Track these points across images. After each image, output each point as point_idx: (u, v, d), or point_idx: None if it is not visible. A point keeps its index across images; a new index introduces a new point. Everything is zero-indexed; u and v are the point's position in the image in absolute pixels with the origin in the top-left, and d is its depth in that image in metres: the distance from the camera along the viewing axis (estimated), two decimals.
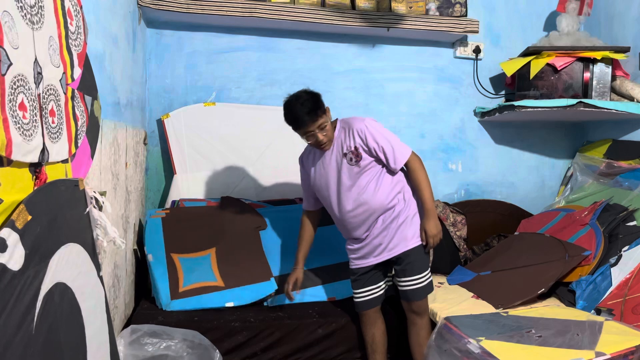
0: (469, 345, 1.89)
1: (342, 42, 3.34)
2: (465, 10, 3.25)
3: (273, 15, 2.99)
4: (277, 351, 2.47)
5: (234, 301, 2.59)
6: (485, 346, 1.85)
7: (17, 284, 1.06)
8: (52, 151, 1.32)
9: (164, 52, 3.16)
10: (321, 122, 2.18)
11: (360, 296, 2.37)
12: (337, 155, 2.27)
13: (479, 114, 3.45)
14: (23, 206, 1.12)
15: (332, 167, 2.29)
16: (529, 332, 1.96)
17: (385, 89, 3.39)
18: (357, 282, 2.37)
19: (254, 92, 3.26)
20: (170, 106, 3.16)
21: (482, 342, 1.87)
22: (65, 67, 1.46)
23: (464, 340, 1.92)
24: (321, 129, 2.20)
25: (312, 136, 2.20)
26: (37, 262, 1.16)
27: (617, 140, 3.14)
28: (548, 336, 1.92)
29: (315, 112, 2.16)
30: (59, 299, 1.25)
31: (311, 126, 2.17)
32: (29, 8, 1.21)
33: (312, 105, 2.16)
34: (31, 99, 1.20)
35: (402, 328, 2.48)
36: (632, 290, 2.16)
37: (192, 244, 2.69)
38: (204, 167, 3.09)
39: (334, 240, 2.99)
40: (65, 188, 1.39)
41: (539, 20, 3.54)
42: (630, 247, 2.39)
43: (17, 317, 1.05)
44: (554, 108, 2.92)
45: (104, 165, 2.03)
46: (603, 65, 2.98)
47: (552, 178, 3.57)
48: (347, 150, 2.24)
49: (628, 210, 2.60)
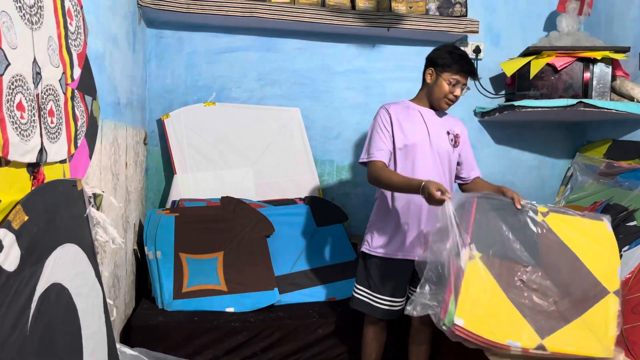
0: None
1: (342, 42, 3.34)
2: (465, 10, 3.24)
3: (273, 15, 2.99)
4: (277, 351, 2.48)
5: (234, 307, 2.58)
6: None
7: (12, 285, 1.06)
8: (51, 151, 1.33)
9: (164, 52, 3.16)
10: (467, 84, 2.24)
11: (389, 304, 2.24)
12: (441, 127, 2.29)
13: (479, 114, 3.45)
14: (20, 206, 1.12)
15: (438, 131, 2.27)
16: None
17: (385, 89, 3.39)
18: (387, 289, 2.22)
19: (254, 92, 3.27)
20: (170, 106, 3.16)
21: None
22: (65, 67, 1.46)
23: None
24: (462, 89, 2.23)
25: (457, 87, 2.21)
26: (33, 262, 1.16)
27: (617, 140, 3.14)
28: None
29: (477, 72, 2.27)
30: (54, 299, 1.25)
31: (467, 79, 2.22)
32: (28, 8, 1.21)
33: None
34: (29, 99, 1.20)
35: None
36: (632, 290, 2.16)
37: (201, 245, 2.69)
38: (204, 167, 3.09)
39: (334, 241, 2.99)
40: (63, 188, 1.39)
41: (539, 20, 3.54)
42: (630, 247, 2.39)
43: (12, 318, 1.05)
44: (554, 108, 2.91)
45: (104, 165, 2.03)
46: (603, 65, 2.98)
47: (552, 178, 3.57)
48: (452, 132, 2.29)
49: (628, 210, 2.60)
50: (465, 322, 1.77)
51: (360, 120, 3.34)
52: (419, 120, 2.26)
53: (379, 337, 2.35)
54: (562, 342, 1.82)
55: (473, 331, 1.77)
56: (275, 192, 3.17)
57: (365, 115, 3.32)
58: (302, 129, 3.24)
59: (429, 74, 2.25)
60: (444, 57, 2.20)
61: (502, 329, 1.80)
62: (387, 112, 2.26)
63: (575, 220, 1.98)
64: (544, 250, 1.93)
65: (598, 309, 1.86)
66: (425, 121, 2.26)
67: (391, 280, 2.22)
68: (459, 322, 1.76)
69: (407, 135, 2.22)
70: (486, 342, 1.79)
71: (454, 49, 2.23)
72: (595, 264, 1.92)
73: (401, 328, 2.45)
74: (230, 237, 2.73)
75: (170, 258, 2.63)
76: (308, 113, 3.30)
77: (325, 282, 2.83)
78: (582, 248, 1.94)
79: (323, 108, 3.35)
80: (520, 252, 1.90)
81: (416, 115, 2.27)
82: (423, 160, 2.21)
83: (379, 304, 2.24)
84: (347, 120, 3.36)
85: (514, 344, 1.78)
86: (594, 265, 1.92)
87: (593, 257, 1.93)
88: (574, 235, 1.95)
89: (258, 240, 2.77)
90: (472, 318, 1.78)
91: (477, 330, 1.78)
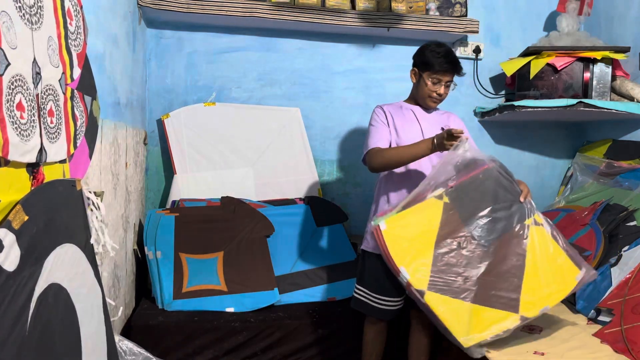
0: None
1: (342, 42, 3.34)
2: (465, 10, 3.24)
3: (273, 15, 2.99)
4: (277, 351, 2.48)
5: (234, 307, 2.59)
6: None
7: (11, 285, 1.06)
8: (50, 151, 1.33)
9: (164, 52, 3.16)
10: (451, 82, 2.22)
11: (386, 304, 2.24)
12: (435, 123, 2.28)
13: (479, 114, 3.45)
14: (20, 206, 1.12)
15: (431, 128, 2.26)
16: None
17: (385, 89, 3.39)
18: (384, 289, 2.21)
19: (254, 92, 3.27)
20: (170, 106, 3.16)
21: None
22: (65, 67, 1.46)
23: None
24: (447, 87, 2.22)
25: (439, 85, 2.20)
26: (33, 262, 1.16)
27: (617, 140, 3.14)
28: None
29: (460, 68, 2.21)
30: (53, 299, 1.25)
31: (450, 76, 2.20)
32: (27, 8, 1.21)
33: (458, 60, 2.21)
34: (29, 99, 1.20)
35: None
36: (632, 290, 2.16)
37: (201, 245, 2.69)
38: (204, 167, 3.09)
39: (334, 241, 2.99)
40: (63, 188, 1.39)
41: (539, 20, 3.54)
42: (630, 247, 2.39)
43: (11, 318, 1.05)
44: (554, 108, 2.91)
45: (104, 165, 2.03)
46: (603, 65, 2.98)
47: (552, 178, 3.57)
48: (445, 127, 2.24)
49: (628, 210, 2.60)
50: (386, 229, 1.94)
51: (360, 120, 3.34)
52: (412, 119, 2.29)
53: (379, 337, 2.34)
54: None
55: (385, 240, 1.93)
56: (275, 192, 3.17)
57: (365, 115, 3.31)
58: (302, 129, 3.24)
59: (413, 74, 2.28)
60: (424, 56, 2.20)
61: (403, 258, 1.92)
62: (382, 110, 2.31)
63: (555, 249, 1.98)
64: (503, 242, 1.96)
65: (495, 313, 1.90)
66: (419, 119, 2.29)
67: (387, 279, 2.20)
68: (382, 225, 1.94)
69: (401, 134, 2.25)
70: (387, 256, 1.93)
71: (435, 47, 2.21)
72: (531, 287, 1.93)
73: (401, 328, 2.45)
74: (230, 237, 2.73)
75: (170, 258, 2.64)
76: (308, 113, 3.30)
77: (325, 282, 2.83)
78: (535, 268, 1.95)
79: (323, 108, 3.35)
80: (481, 228, 1.95)
81: (409, 114, 2.30)
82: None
83: (376, 303, 2.24)
84: (347, 120, 3.36)
85: (404, 273, 1.90)
86: (529, 287, 1.93)
87: (536, 282, 1.94)
88: (539, 255, 1.96)
89: (258, 240, 2.77)
90: (394, 233, 1.94)
91: (388, 243, 1.93)
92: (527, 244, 1.96)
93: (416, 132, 2.26)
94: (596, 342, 2.01)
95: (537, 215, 2.01)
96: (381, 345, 2.36)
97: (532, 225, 1.98)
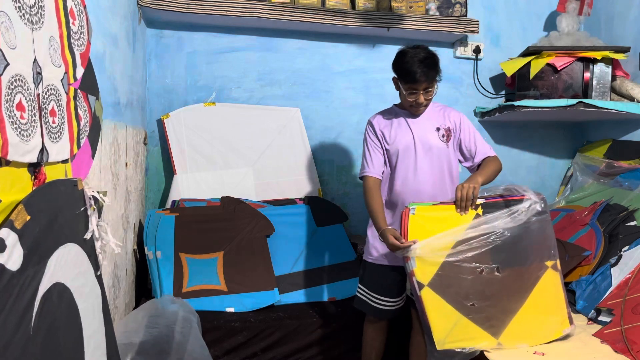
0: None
1: (342, 42, 3.34)
2: (465, 10, 3.25)
3: (273, 15, 2.99)
4: (277, 351, 2.47)
5: (234, 307, 2.59)
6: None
7: (15, 284, 1.06)
8: (52, 151, 1.32)
9: (164, 52, 3.16)
10: (431, 87, 2.13)
11: (384, 304, 2.25)
12: (429, 125, 2.23)
13: (479, 114, 3.45)
14: (22, 206, 1.12)
15: (424, 132, 2.22)
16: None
17: (385, 89, 3.38)
18: (383, 288, 2.23)
19: (254, 92, 3.27)
20: (170, 106, 3.16)
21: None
22: (67, 67, 1.46)
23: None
24: (426, 92, 2.13)
25: (417, 94, 2.12)
26: (36, 262, 1.16)
27: (617, 140, 3.14)
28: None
29: (434, 71, 2.09)
30: (57, 299, 1.25)
31: (426, 84, 2.10)
32: (28, 8, 1.21)
33: (433, 63, 2.09)
34: (30, 99, 1.20)
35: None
36: (632, 290, 2.16)
37: (201, 246, 2.69)
38: (204, 167, 3.09)
39: (334, 241, 2.99)
40: (65, 188, 1.39)
41: (539, 20, 3.54)
42: (630, 247, 2.39)
43: (16, 317, 1.05)
44: (554, 108, 2.92)
45: (104, 165, 2.03)
46: (603, 65, 2.98)
47: (552, 178, 3.57)
48: (442, 127, 2.23)
49: (628, 210, 2.60)
50: (414, 215, 1.94)
51: (360, 120, 3.34)
52: (403, 125, 2.24)
53: (379, 337, 2.35)
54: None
55: (409, 224, 1.93)
56: (275, 192, 3.17)
57: (365, 115, 3.29)
58: (302, 129, 3.24)
59: (394, 82, 2.23)
60: (398, 65, 2.15)
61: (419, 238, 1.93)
62: (372, 126, 2.29)
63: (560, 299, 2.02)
64: (517, 273, 1.98)
65: (477, 332, 1.93)
66: (409, 124, 2.24)
67: (383, 282, 2.24)
68: (412, 211, 1.94)
69: (392, 143, 2.23)
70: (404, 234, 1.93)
71: (410, 55, 2.10)
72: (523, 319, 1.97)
73: (401, 328, 2.45)
74: (230, 237, 2.73)
75: (170, 258, 2.63)
76: (308, 113, 3.30)
77: (325, 282, 2.83)
78: (536, 305, 1.99)
79: (323, 108, 3.35)
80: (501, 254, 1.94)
81: (399, 120, 2.26)
82: (415, 162, 2.20)
83: (375, 303, 2.24)
84: (347, 120, 3.36)
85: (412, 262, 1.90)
86: (521, 317, 1.97)
87: (530, 317, 1.98)
88: (545, 296, 2.00)
89: (258, 240, 2.77)
90: (419, 223, 1.93)
91: (411, 226, 1.92)
92: (539, 283, 1.98)
93: (408, 140, 2.22)
94: (596, 342, 2.01)
95: (559, 262, 2.03)
96: (381, 345, 2.36)
97: (551, 268, 2.00)
